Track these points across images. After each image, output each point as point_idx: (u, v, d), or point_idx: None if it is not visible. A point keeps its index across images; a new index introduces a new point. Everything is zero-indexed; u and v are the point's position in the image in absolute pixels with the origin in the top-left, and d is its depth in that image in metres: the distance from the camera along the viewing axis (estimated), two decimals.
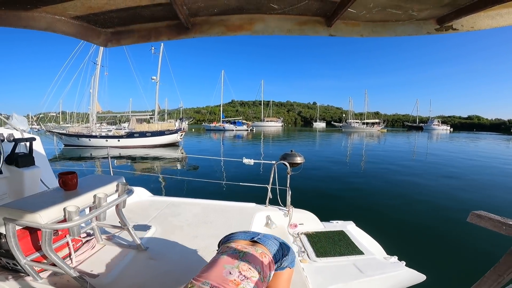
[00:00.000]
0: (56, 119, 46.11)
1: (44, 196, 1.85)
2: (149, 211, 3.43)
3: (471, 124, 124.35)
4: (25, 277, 1.85)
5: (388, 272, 2.57)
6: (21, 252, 1.68)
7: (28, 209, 1.54)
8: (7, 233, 1.59)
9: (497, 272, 1.04)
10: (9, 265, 1.83)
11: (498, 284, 1.04)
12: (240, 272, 1.15)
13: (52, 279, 1.87)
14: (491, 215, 1.08)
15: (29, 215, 1.52)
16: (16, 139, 2.48)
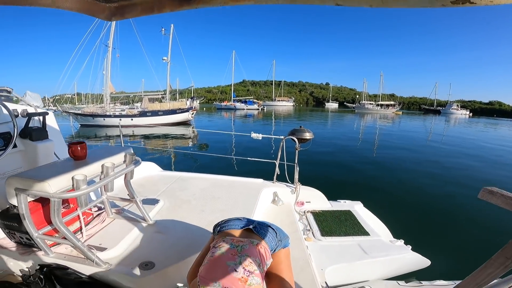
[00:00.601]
0: (71, 100, 47.20)
1: (54, 166, 1.88)
2: (158, 186, 3.51)
3: (492, 109, 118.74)
4: (37, 252, 1.92)
5: (393, 255, 2.57)
6: (33, 225, 1.74)
7: (37, 178, 1.57)
8: (19, 205, 1.64)
9: (505, 254, 1.00)
10: (23, 239, 1.89)
11: (505, 267, 1.00)
12: (244, 268, 1.16)
13: (63, 253, 1.95)
14: (504, 192, 1.02)
15: (38, 184, 1.55)
16: (30, 113, 2.52)
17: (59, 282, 1.69)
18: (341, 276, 2.40)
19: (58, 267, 1.79)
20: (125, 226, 2.35)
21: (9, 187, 1.63)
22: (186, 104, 26.13)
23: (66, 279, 1.72)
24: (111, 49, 26.22)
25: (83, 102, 47.56)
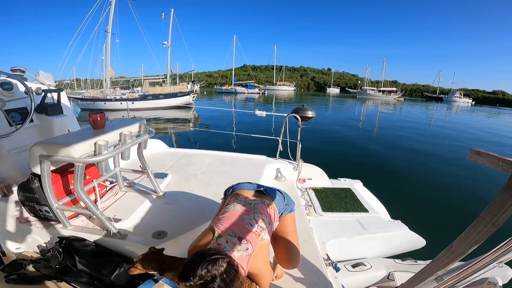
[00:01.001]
0: (71, 86, 46.75)
1: (76, 133, 1.99)
2: (165, 161, 3.64)
3: (495, 99, 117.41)
4: (55, 225, 2.01)
5: (390, 232, 2.69)
6: (53, 195, 1.83)
7: (63, 143, 1.66)
8: (42, 172, 1.73)
9: (491, 211, 1.05)
10: (41, 212, 1.96)
11: (492, 225, 1.06)
12: (257, 223, 1.27)
13: (80, 225, 2.05)
14: (489, 152, 1.10)
15: (64, 149, 1.64)
16: (45, 90, 2.61)
17: (77, 254, 1.76)
18: (341, 250, 2.53)
19: (76, 238, 1.88)
20: (137, 198, 2.47)
21: (34, 154, 1.71)
22: (187, 87, 25.94)
23: (84, 251, 1.80)
24: (111, 35, 25.77)
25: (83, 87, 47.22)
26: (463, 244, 1.19)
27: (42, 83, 3.08)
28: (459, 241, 1.21)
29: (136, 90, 29.64)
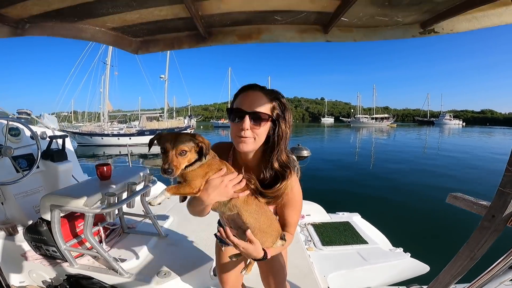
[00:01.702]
0: (68, 118, 47.41)
1: (85, 185, 2.12)
2: (166, 203, 3.66)
3: (484, 118, 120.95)
4: (62, 263, 2.08)
5: (391, 261, 2.71)
6: (62, 238, 1.93)
7: (74, 195, 1.79)
8: (52, 219, 1.84)
9: (469, 247, 1.19)
10: (48, 252, 2.06)
11: (470, 259, 1.19)
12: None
13: (86, 264, 2.11)
14: (465, 196, 1.25)
15: (75, 201, 1.76)
16: (51, 136, 2.76)
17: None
18: (343, 282, 2.53)
19: (83, 277, 1.96)
20: (140, 239, 2.52)
21: (44, 203, 1.83)
22: (184, 122, 26.41)
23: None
24: (109, 67, 26.64)
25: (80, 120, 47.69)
26: (447, 276, 1.31)
27: (46, 126, 3.23)
28: (444, 273, 1.34)
29: (133, 124, 30.05)
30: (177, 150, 0.95)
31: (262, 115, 1.04)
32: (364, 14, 1.37)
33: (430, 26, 1.47)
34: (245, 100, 1.06)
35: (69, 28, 1.54)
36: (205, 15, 1.47)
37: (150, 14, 1.46)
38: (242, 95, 1.09)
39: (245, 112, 1.04)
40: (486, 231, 1.10)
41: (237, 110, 1.06)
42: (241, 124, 1.04)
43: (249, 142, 1.07)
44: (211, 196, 1.01)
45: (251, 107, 1.04)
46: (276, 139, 1.09)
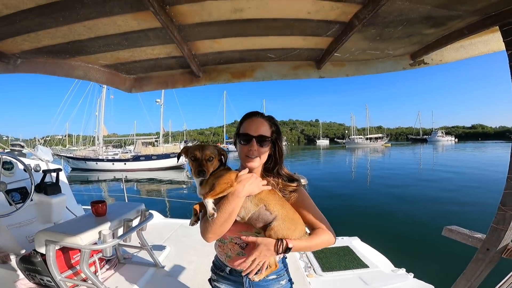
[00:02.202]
0: (63, 142, 46.96)
1: (80, 221, 2.11)
2: (162, 233, 3.62)
3: (476, 133, 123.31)
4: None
5: (394, 284, 2.65)
6: (57, 270, 1.89)
7: (69, 232, 1.78)
8: (47, 253, 1.81)
9: (466, 277, 1.23)
10: (43, 281, 2.03)
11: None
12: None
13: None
14: (460, 229, 1.29)
15: (70, 238, 1.75)
16: (45, 170, 2.75)
17: None
18: None
19: None
20: (137, 270, 2.47)
21: (39, 238, 1.81)
22: (180, 147, 26.31)
23: None
24: (106, 90, 26.67)
25: (74, 144, 47.20)
26: None
27: (40, 159, 3.22)
28: None
29: (128, 149, 29.81)
30: (206, 156, 1.12)
31: (266, 138, 1.24)
32: (356, 48, 1.46)
33: (419, 58, 1.56)
34: (251, 125, 1.25)
35: (61, 65, 1.59)
36: (198, 54, 1.54)
37: (143, 52, 1.52)
38: (248, 121, 1.27)
39: (252, 136, 1.22)
40: (482, 263, 1.13)
41: (244, 135, 1.24)
42: (250, 146, 1.22)
43: (256, 160, 1.25)
44: (246, 187, 1.11)
45: (256, 131, 1.23)
46: (277, 156, 1.31)
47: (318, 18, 1.16)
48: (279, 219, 1.12)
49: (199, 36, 1.36)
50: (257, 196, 1.14)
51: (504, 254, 1.10)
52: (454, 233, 1.30)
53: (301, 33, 1.29)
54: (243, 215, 1.15)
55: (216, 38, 1.40)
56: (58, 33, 1.29)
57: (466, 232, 1.27)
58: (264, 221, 1.14)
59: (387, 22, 1.11)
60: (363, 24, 1.09)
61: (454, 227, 1.33)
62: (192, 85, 1.75)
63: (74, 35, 1.31)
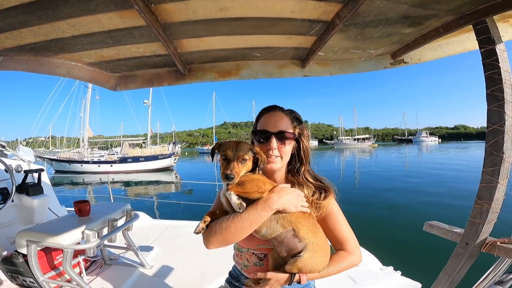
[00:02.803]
0: (46, 144, 45.48)
1: (63, 221, 2.06)
2: (150, 234, 3.57)
3: (458, 133, 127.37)
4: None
5: (382, 281, 2.68)
6: (40, 271, 1.85)
7: (51, 232, 1.73)
8: (29, 253, 1.76)
9: (447, 272, 1.27)
10: (25, 282, 1.98)
11: (450, 283, 1.26)
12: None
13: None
14: (440, 224, 1.34)
15: (52, 238, 1.72)
16: (27, 171, 2.67)
17: None
18: None
19: None
20: (124, 271, 2.44)
21: (20, 239, 1.77)
22: (168, 149, 25.95)
23: None
24: (91, 90, 25.97)
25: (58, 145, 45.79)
26: None
27: (22, 159, 3.13)
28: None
29: (115, 151, 29.16)
30: (239, 157, 0.97)
31: (287, 134, 1.09)
32: (339, 48, 1.50)
33: (399, 57, 1.62)
34: (269, 121, 1.11)
35: (43, 63, 1.56)
36: (184, 53, 1.53)
37: (128, 50, 1.50)
38: (265, 116, 1.13)
39: (271, 133, 1.08)
40: (462, 257, 1.18)
41: (262, 132, 1.10)
42: (269, 144, 1.08)
43: (277, 161, 1.10)
44: (281, 199, 0.95)
45: (276, 127, 1.08)
46: (303, 155, 1.15)
47: (302, 17, 1.18)
48: (310, 250, 0.95)
49: (184, 34, 1.37)
50: (286, 217, 0.97)
51: (483, 249, 1.14)
52: (435, 228, 1.35)
53: (286, 32, 1.32)
54: (264, 234, 0.98)
55: (202, 37, 1.40)
56: (41, 31, 1.27)
57: (446, 227, 1.32)
58: (290, 249, 0.97)
59: (367, 21, 1.15)
60: (344, 23, 1.13)
61: (434, 223, 1.37)
62: (178, 83, 1.74)
63: (57, 32, 1.29)
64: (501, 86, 0.98)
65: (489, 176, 1.05)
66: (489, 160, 1.06)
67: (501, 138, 1.01)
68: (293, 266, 0.94)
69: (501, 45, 1.01)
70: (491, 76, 1.01)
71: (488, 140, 1.05)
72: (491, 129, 1.03)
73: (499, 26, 1.16)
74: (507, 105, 0.99)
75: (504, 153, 1.02)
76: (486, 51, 1.02)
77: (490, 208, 1.06)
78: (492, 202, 1.05)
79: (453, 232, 1.27)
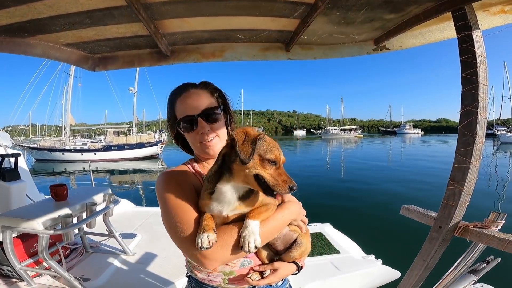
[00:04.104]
0: (25, 132, 43.83)
1: (38, 206, 2.00)
2: (133, 221, 3.54)
3: (440, 127, 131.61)
4: (18, 283, 1.95)
5: (363, 269, 2.79)
6: (16, 258, 1.81)
7: (26, 217, 1.68)
8: (4, 240, 1.72)
9: (422, 257, 1.31)
10: (3, 271, 1.94)
11: (425, 269, 1.30)
12: None
13: (45, 284, 1.99)
14: (416, 208, 1.38)
15: (27, 222, 1.66)
16: (3, 155, 2.57)
17: None
18: None
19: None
20: (105, 258, 2.41)
21: None
22: (154, 137, 25.49)
23: None
24: (73, 78, 25.10)
25: (38, 134, 44.28)
26: (407, 285, 1.40)
27: None
28: (403, 282, 1.43)
29: (98, 139, 28.42)
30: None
31: (214, 109, 0.97)
32: (323, 32, 1.49)
33: (382, 43, 1.62)
34: (186, 104, 0.95)
35: (18, 43, 1.49)
36: (166, 33, 1.49)
37: (107, 31, 1.45)
38: (180, 100, 0.97)
39: (196, 116, 0.94)
40: (435, 241, 1.22)
41: (185, 118, 0.95)
42: (199, 130, 0.95)
43: (216, 142, 0.98)
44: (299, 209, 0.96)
45: (198, 107, 0.94)
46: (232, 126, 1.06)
47: None
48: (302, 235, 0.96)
49: (166, 15, 1.32)
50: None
51: (456, 233, 1.17)
52: (411, 212, 1.39)
53: (269, 14, 1.29)
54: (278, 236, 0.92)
55: (185, 17, 1.36)
56: (17, 12, 1.20)
57: (421, 210, 1.35)
58: (286, 242, 0.96)
59: (349, 5, 1.14)
60: (327, 6, 1.11)
61: (411, 206, 1.41)
62: (160, 64, 1.70)
63: (33, 13, 1.22)
64: (475, 70, 1.01)
65: (462, 157, 1.08)
66: (462, 141, 1.09)
67: (474, 119, 1.04)
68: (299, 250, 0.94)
69: (477, 31, 1.04)
70: (466, 61, 1.03)
71: (461, 121, 1.08)
72: (465, 110, 1.06)
73: (479, 15, 1.19)
74: (481, 87, 1.02)
75: (477, 134, 1.04)
76: (462, 37, 1.04)
77: (463, 190, 1.09)
78: (464, 183, 1.08)
79: (427, 216, 1.30)
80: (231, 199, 0.79)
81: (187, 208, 0.83)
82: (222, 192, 0.78)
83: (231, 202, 0.79)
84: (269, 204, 0.85)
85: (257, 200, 0.82)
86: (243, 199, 0.80)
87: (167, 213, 0.86)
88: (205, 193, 0.82)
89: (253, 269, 0.92)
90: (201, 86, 0.99)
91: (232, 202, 0.79)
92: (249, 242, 0.74)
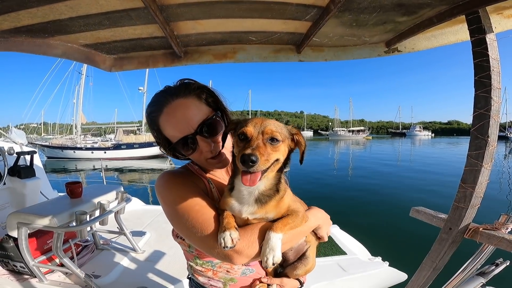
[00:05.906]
0: (38, 130, 44.78)
1: (54, 203, 2.06)
2: (142, 219, 3.60)
3: (451, 129, 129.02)
4: (30, 279, 2.00)
5: (370, 271, 2.78)
6: (30, 255, 1.86)
7: (43, 214, 1.74)
8: (19, 237, 1.77)
9: (430, 258, 1.30)
10: (16, 267, 1.99)
11: (434, 270, 1.30)
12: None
13: (57, 280, 2.04)
14: (426, 210, 1.37)
15: (44, 219, 1.72)
16: (19, 152, 2.65)
17: None
18: None
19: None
20: (115, 255, 2.46)
21: (11, 221, 1.77)
22: None
23: None
24: (85, 77, 25.53)
25: (50, 132, 45.20)
26: (415, 286, 1.39)
27: (14, 141, 3.10)
28: (411, 283, 1.42)
29: (108, 138, 28.83)
30: (266, 134, 0.66)
31: (210, 119, 0.83)
32: (334, 34, 1.49)
33: (393, 45, 1.62)
34: (174, 123, 0.82)
35: (39, 44, 1.54)
36: (180, 35, 1.52)
37: (124, 32, 1.48)
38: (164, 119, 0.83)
39: (192, 135, 0.81)
40: (445, 243, 1.21)
41: (181, 142, 0.82)
42: (202, 149, 0.83)
43: (224, 154, 0.87)
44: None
45: (191, 124, 0.81)
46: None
47: (297, 1, 1.17)
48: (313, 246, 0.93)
49: (181, 16, 1.35)
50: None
51: (466, 235, 1.17)
52: (421, 214, 1.38)
53: (281, 17, 1.30)
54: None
55: (199, 19, 1.39)
56: (39, 13, 1.24)
57: (431, 212, 1.35)
58: (298, 253, 0.92)
59: (361, 8, 1.15)
60: (339, 9, 1.12)
61: (420, 208, 1.41)
62: (173, 65, 1.73)
63: (55, 14, 1.26)
64: (488, 73, 1.01)
65: (473, 160, 1.08)
66: (474, 144, 1.09)
67: (487, 122, 1.04)
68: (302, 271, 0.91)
69: (491, 34, 1.03)
70: (480, 64, 1.03)
71: (474, 124, 1.08)
72: (478, 113, 1.05)
73: (492, 18, 1.18)
74: (493, 91, 1.02)
75: (489, 137, 1.04)
76: (476, 40, 1.04)
77: (474, 192, 1.09)
78: (476, 186, 1.08)
79: (437, 218, 1.30)
80: (249, 200, 0.72)
81: (200, 207, 0.76)
82: (240, 189, 0.72)
83: (249, 202, 0.72)
84: (297, 211, 0.76)
85: (282, 206, 0.75)
86: (261, 203, 0.72)
87: (178, 217, 0.78)
88: (227, 189, 0.77)
89: (261, 281, 0.88)
90: (184, 93, 0.83)
91: (250, 203, 0.72)
92: (267, 258, 0.68)
